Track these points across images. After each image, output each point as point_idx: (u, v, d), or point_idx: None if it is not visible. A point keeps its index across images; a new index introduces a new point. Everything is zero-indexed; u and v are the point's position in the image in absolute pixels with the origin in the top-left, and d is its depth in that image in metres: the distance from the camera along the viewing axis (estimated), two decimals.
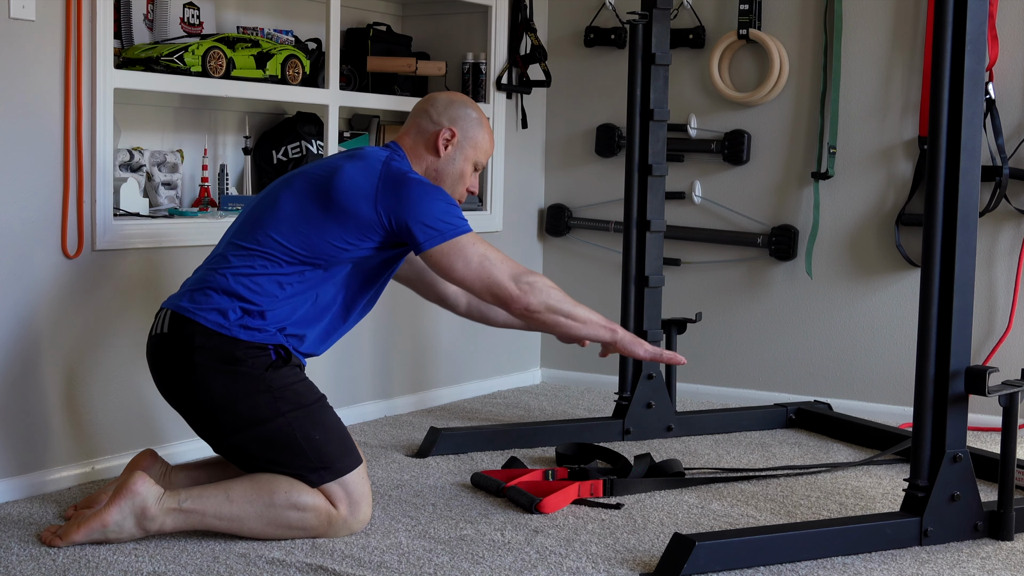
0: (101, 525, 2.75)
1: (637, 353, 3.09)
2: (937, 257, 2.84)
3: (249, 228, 2.90)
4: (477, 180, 3.19)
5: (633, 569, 2.70)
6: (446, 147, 3.07)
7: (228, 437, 2.84)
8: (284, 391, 2.82)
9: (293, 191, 2.92)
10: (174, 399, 2.89)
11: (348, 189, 2.87)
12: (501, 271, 2.92)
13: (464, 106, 3.11)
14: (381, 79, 4.38)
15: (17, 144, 3.10)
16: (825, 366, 4.47)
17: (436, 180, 3.07)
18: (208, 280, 2.86)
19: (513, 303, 2.93)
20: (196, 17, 3.88)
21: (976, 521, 2.92)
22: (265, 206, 2.92)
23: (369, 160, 2.94)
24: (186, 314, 2.83)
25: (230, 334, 2.80)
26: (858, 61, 4.36)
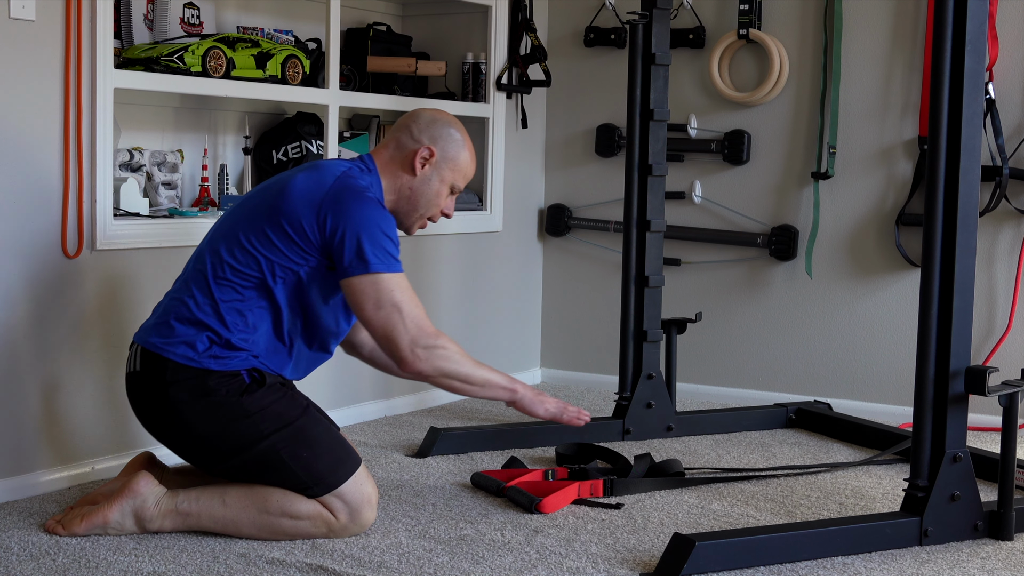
0: (102, 521, 2.79)
1: (536, 413, 3.04)
2: (937, 257, 2.84)
3: (209, 253, 2.86)
4: (453, 204, 3.07)
5: (633, 569, 2.70)
6: (423, 166, 2.97)
7: (217, 466, 2.83)
8: (264, 413, 2.78)
9: (249, 211, 2.86)
10: (158, 434, 2.88)
11: (296, 197, 2.81)
12: (403, 331, 2.79)
13: (447, 125, 3.02)
14: (381, 79, 4.38)
15: (17, 144, 3.10)
16: (825, 366, 4.47)
17: (409, 200, 2.98)
18: (173, 311, 2.83)
19: (404, 365, 2.82)
20: (196, 17, 3.88)
21: (976, 521, 2.92)
22: (224, 229, 2.88)
23: (323, 172, 2.87)
24: (155, 350, 2.80)
25: (200, 366, 2.77)
26: (858, 61, 4.36)
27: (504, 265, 4.79)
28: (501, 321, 4.79)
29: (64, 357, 3.24)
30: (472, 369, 2.91)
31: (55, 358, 3.22)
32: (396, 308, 2.79)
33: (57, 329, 3.22)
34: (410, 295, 2.82)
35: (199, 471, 3.03)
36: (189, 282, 2.86)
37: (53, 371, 3.22)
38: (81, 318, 3.27)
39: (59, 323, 3.23)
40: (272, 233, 2.80)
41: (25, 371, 3.16)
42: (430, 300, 4.44)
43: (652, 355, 3.97)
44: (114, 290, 3.35)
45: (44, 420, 3.21)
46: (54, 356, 3.22)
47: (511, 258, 4.83)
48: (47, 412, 3.22)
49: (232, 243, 2.83)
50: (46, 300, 3.19)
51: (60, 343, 3.23)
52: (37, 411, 3.19)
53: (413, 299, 2.83)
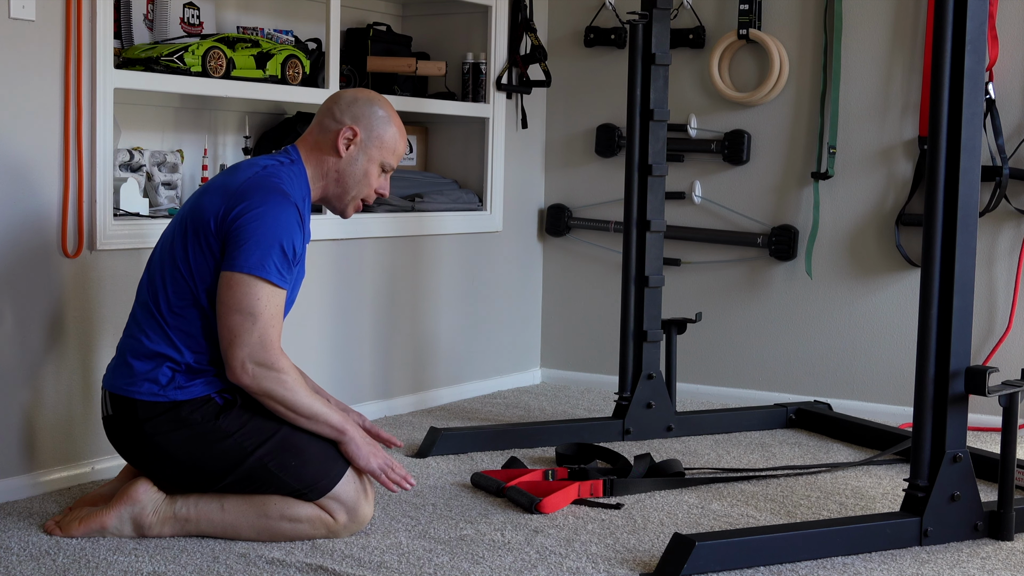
0: (100, 527, 2.80)
1: (357, 463, 2.80)
2: (937, 257, 2.84)
3: (148, 279, 2.84)
4: (387, 183, 2.98)
5: (633, 569, 2.69)
6: (347, 147, 2.88)
7: (210, 487, 2.82)
8: (243, 430, 2.76)
9: (177, 227, 2.83)
10: (145, 470, 2.86)
11: (208, 199, 2.77)
12: (246, 341, 2.67)
13: (370, 103, 2.92)
14: (381, 79, 4.38)
15: (17, 144, 3.10)
16: (825, 366, 4.47)
17: (338, 182, 2.91)
18: (128, 348, 2.82)
19: (230, 374, 2.70)
20: (196, 17, 3.88)
21: (976, 521, 2.92)
22: (162, 251, 2.84)
23: (238, 171, 2.82)
24: (122, 393, 2.79)
25: (168, 400, 2.76)
26: (858, 61, 4.36)
27: (504, 265, 4.79)
28: (501, 321, 4.79)
29: (64, 357, 3.24)
30: (303, 399, 2.75)
31: (55, 358, 3.22)
32: (251, 317, 2.68)
33: (57, 329, 3.22)
34: (273, 312, 2.71)
35: None
36: (137, 316, 2.85)
37: (53, 371, 3.22)
38: (81, 318, 3.27)
39: (59, 323, 3.22)
40: (192, 242, 2.76)
41: (24, 371, 3.16)
42: (430, 300, 4.44)
43: (652, 355, 3.97)
44: (114, 290, 3.35)
45: (44, 420, 3.21)
46: (54, 356, 3.22)
47: (511, 258, 4.83)
48: (47, 412, 3.21)
49: (165, 266, 2.81)
50: (46, 300, 3.19)
51: (60, 343, 3.23)
52: (37, 411, 3.19)
53: (275, 317, 2.71)
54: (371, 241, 4.16)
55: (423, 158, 4.76)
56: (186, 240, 2.78)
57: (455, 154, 4.73)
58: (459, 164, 4.73)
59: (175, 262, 2.79)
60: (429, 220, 4.39)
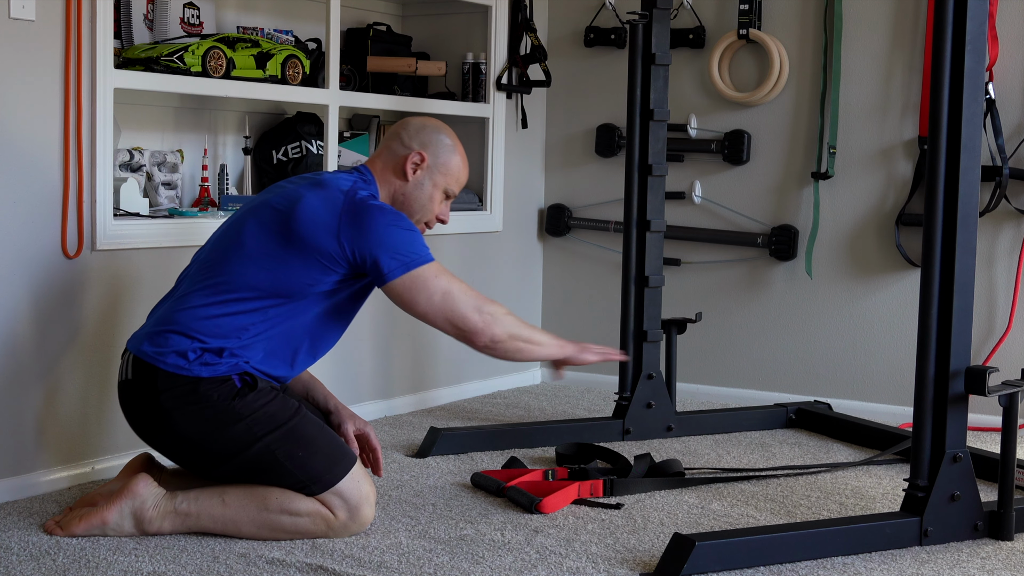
0: (101, 522, 2.80)
1: (588, 360, 3.04)
2: (937, 257, 2.84)
3: (213, 263, 2.86)
4: (448, 209, 3.09)
5: (633, 569, 2.70)
6: (415, 171, 2.99)
7: (214, 471, 2.83)
8: (256, 415, 2.78)
9: (256, 223, 2.86)
10: (152, 442, 2.88)
11: (310, 221, 2.81)
12: (465, 304, 2.86)
13: (437, 131, 3.04)
14: (381, 79, 4.38)
15: (17, 144, 3.10)
16: (825, 366, 4.47)
17: (403, 205, 3.00)
18: (169, 320, 2.82)
19: (478, 336, 2.87)
20: (196, 17, 3.88)
21: (976, 521, 2.92)
22: (229, 239, 2.87)
23: (331, 190, 2.87)
24: (147, 359, 2.80)
25: (191, 374, 2.77)
26: (858, 61, 4.36)
27: (504, 265, 4.79)
28: None
29: (64, 357, 3.24)
30: (533, 329, 2.97)
31: (55, 358, 3.22)
32: (447, 292, 2.84)
33: (57, 329, 3.22)
34: (452, 279, 2.87)
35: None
36: (187, 291, 2.86)
37: (53, 371, 3.22)
38: (81, 318, 3.27)
39: (59, 323, 3.23)
40: (287, 253, 2.80)
41: (25, 371, 3.16)
42: None
43: (652, 355, 3.97)
44: (114, 290, 3.35)
45: (44, 420, 3.21)
46: (54, 356, 3.22)
47: (511, 258, 4.83)
48: (47, 412, 3.22)
49: (241, 256, 2.82)
50: (46, 300, 3.19)
51: (60, 343, 3.23)
52: (37, 411, 3.19)
53: (457, 279, 2.89)
54: None
55: None
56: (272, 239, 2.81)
57: None
58: None
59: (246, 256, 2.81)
60: None
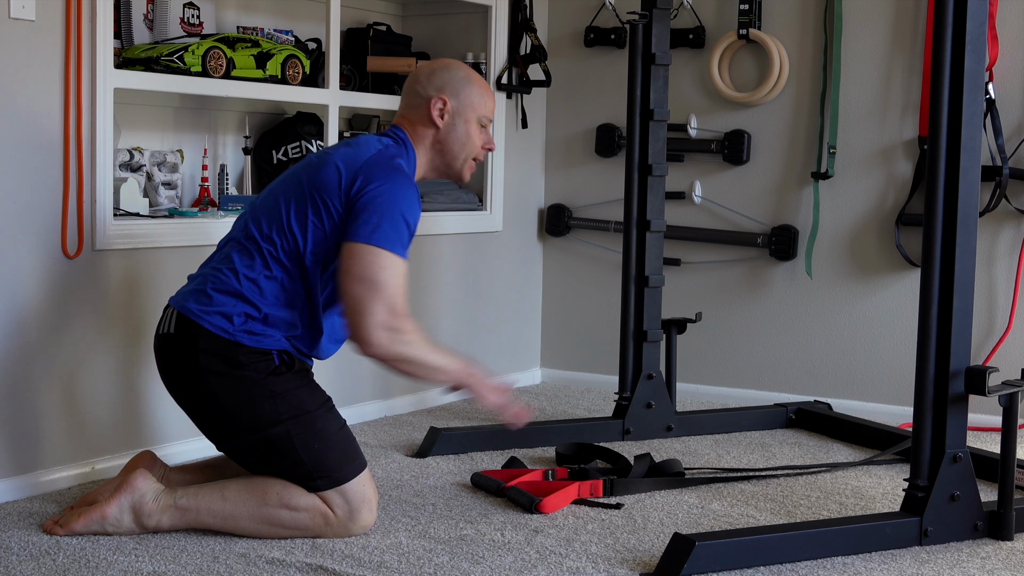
0: (100, 517, 2.80)
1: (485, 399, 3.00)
2: (937, 257, 2.84)
3: (253, 227, 2.87)
4: (490, 136, 3.07)
5: (633, 569, 2.70)
6: (442, 116, 2.99)
7: (231, 440, 2.84)
8: (286, 396, 2.80)
9: (290, 186, 2.89)
10: (180, 399, 2.89)
11: (333, 168, 2.83)
12: (375, 310, 2.76)
13: (447, 69, 3.03)
14: (381, 79, 4.38)
15: (17, 144, 3.10)
16: (825, 366, 4.47)
17: (444, 151, 3.01)
18: (212, 280, 2.84)
19: (361, 345, 2.79)
20: (196, 17, 3.88)
21: (976, 521, 2.92)
22: (268, 204, 2.89)
23: (362, 146, 2.90)
24: (191, 316, 2.81)
25: (234, 339, 2.78)
26: (858, 61, 4.36)
27: (504, 265, 4.79)
28: (501, 321, 4.79)
29: (63, 357, 3.24)
30: (431, 355, 2.87)
31: (55, 358, 3.22)
32: (376, 287, 2.75)
33: (57, 329, 3.22)
34: (398, 281, 2.79)
35: (198, 471, 3.04)
36: (230, 253, 2.87)
37: (52, 371, 3.22)
38: (81, 318, 3.27)
39: (59, 323, 3.22)
40: (310, 206, 2.82)
41: (24, 371, 3.16)
42: (430, 300, 4.44)
43: (652, 355, 3.97)
44: (114, 290, 3.35)
45: (44, 420, 3.21)
46: (53, 356, 3.22)
47: (511, 258, 4.83)
48: (47, 412, 3.21)
49: (273, 218, 2.85)
50: (46, 300, 3.19)
51: (59, 343, 3.23)
52: (37, 411, 3.19)
53: (399, 286, 2.80)
54: None
55: None
56: (304, 202, 2.83)
57: None
58: None
59: (289, 223, 2.83)
60: (429, 220, 4.39)
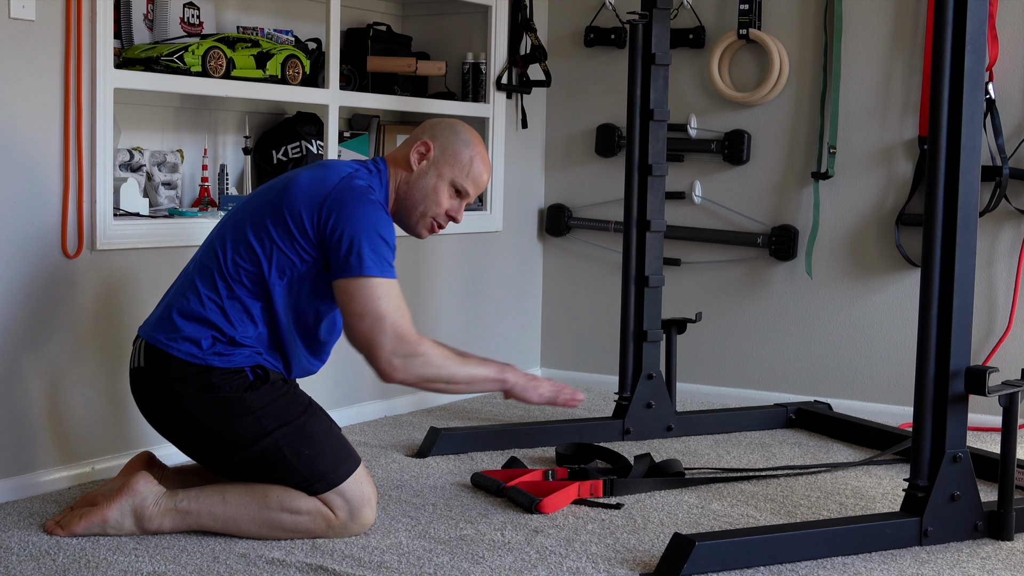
0: (101, 520, 2.79)
1: (530, 399, 2.96)
2: (937, 257, 2.84)
3: (218, 249, 2.85)
4: (460, 207, 2.99)
5: (633, 569, 2.70)
6: (420, 161, 2.94)
7: (221, 461, 2.83)
8: (266, 410, 2.78)
9: (255, 207, 2.86)
10: (162, 429, 2.88)
11: (300, 194, 2.80)
12: (383, 342, 2.75)
13: (453, 126, 3.00)
14: (381, 79, 4.38)
15: (17, 144, 3.10)
16: (825, 366, 4.47)
17: (408, 196, 2.95)
18: (178, 306, 2.82)
19: (382, 376, 2.80)
20: (196, 17, 3.88)
21: (976, 521, 2.92)
22: (233, 227, 2.87)
23: (329, 171, 2.86)
24: (160, 346, 2.80)
25: (205, 363, 2.77)
26: (858, 61, 4.36)
27: (504, 265, 4.79)
28: (501, 321, 4.79)
29: (64, 357, 3.24)
30: (456, 369, 2.85)
31: (55, 358, 3.22)
32: (379, 319, 2.75)
33: (57, 329, 3.22)
34: (397, 304, 2.78)
35: (199, 471, 3.04)
36: (194, 277, 2.85)
37: (53, 371, 3.22)
38: (81, 318, 3.27)
39: (59, 323, 3.23)
40: (274, 229, 2.80)
41: (24, 371, 3.16)
42: (430, 300, 4.44)
43: (652, 355, 3.97)
44: (114, 290, 3.35)
45: (44, 420, 3.21)
46: (54, 356, 3.22)
47: (511, 258, 4.83)
48: (47, 412, 3.22)
49: (238, 239, 2.83)
50: (46, 300, 3.19)
51: (60, 343, 3.23)
52: (37, 411, 3.19)
53: (399, 308, 2.79)
54: None
55: None
56: (269, 228, 2.80)
57: None
58: None
59: (250, 244, 2.81)
60: None
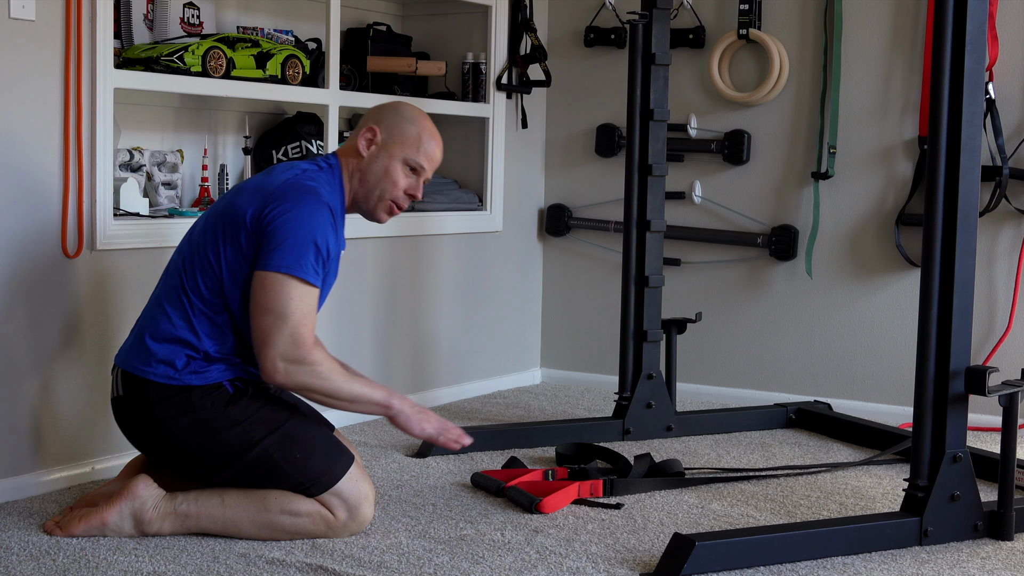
0: (100, 523, 2.80)
1: (412, 432, 2.85)
2: (937, 257, 2.84)
3: (180, 267, 2.85)
4: (419, 185, 2.94)
5: (633, 569, 2.70)
6: (369, 146, 2.92)
7: (215, 475, 2.83)
8: (251, 420, 2.78)
9: (208, 221, 2.85)
10: (151, 453, 2.88)
11: (245, 202, 2.79)
12: (277, 341, 2.69)
13: (397, 108, 2.96)
14: (381, 79, 4.38)
15: (17, 144, 3.10)
16: (825, 366, 4.47)
17: (362, 182, 2.91)
18: (149, 329, 2.82)
19: (264, 375, 2.73)
20: (196, 17, 3.88)
21: (976, 521, 2.92)
22: (192, 242, 2.87)
23: (275, 173, 2.85)
24: (137, 373, 2.80)
25: (182, 383, 2.77)
26: (858, 61, 4.36)
27: (504, 265, 4.79)
28: (501, 321, 4.79)
29: (64, 357, 3.24)
30: (341, 384, 2.77)
31: (55, 358, 3.22)
32: (282, 317, 2.69)
33: (57, 329, 3.22)
34: (305, 310, 2.72)
35: None
36: (161, 298, 2.85)
37: (53, 371, 3.22)
38: (81, 318, 3.27)
39: (59, 323, 3.23)
40: (224, 238, 2.78)
41: (24, 371, 3.16)
42: (430, 300, 4.44)
43: (652, 355, 3.97)
44: (114, 290, 3.35)
45: (44, 420, 3.21)
46: (54, 356, 3.22)
47: (511, 258, 4.83)
48: (47, 412, 3.22)
49: (196, 254, 2.82)
50: (46, 300, 3.19)
51: (60, 343, 3.23)
52: (37, 411, 3.19)
53: (306, 315, 2.72)
54: (371, 241, 4.16)
55: None
56: (218, 235, 2.80)
57: (455, 154, 4.73)
58: (459, 164, 4.73)
59: (206, 255, 2.80)
60: (429, 220, 4.39)
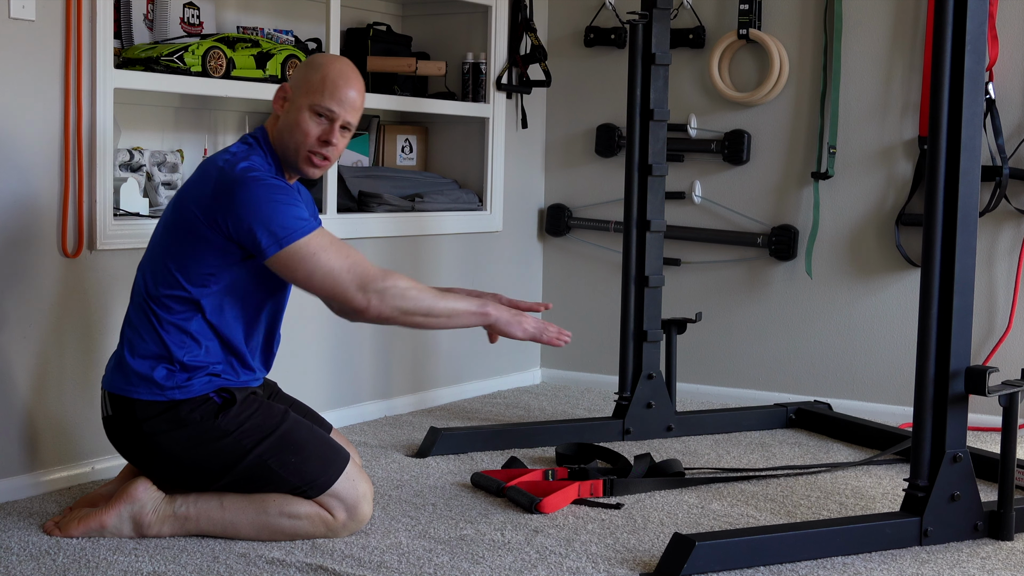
0: (99, 525, 2.80)
1: (514, 334, 2.88)
2: (937, 257, 2.84)
3: (141, 281, 2.85)
4: (333, 131, 2.82)
5: (633, 569, 2.70)
6: (282, 105, 2.85)
7: (211, 485, 2.82)
8: (243, 429, 2.77)
9: (161, 233, 2.84)
10: (145, 469, 2.87)
11: (188, 204, 2.76)
12: (346, 281, 2.70)
13: (308, 60, 2.91)
14: (381, 79, 4.38)
15: (17, 144, 3.10)
16: (825, 366, 4.47)
17: (281, 140, 2.84)
18: (127, 348, 2.82)
19: (363, 314, 2.73)
20: (196, 17, 3.88)
21: (976, 521, 2.92)
22: (148, 254, 2.86)
23: (205, 169, 2.80)
24: (121, 392, 2.80)
25: (167, 399, 2.76)
26: (858, 61, 4.36)
27: (504, 265, 4.79)
28: None
29: (64, 357, 3.24)
30: (434, 302, 2.77)
31: (55, 358, 3.22)
32: (330, 275, 2.70)
33: (57, 329, 3.22)
34: (337, 248, 2.72)
35: None
36: (131, 317, 2.86)
37: (52, 370, 3.22)
38: (81, 318, 3.27)
39: (59, 323, 3.22)
40: (178, 244, 2.77)
41: (24, 370, 3.16)
42: None
43: (652, 355, 3.97)
44: (114, 290, 3.35)
45: (43, 420, 3.21)
46: (53, 355, 3.22)
47: (511, 258, 4.83)
48: (47, 412, 3.21)
49: (155, 265, 2.81)
50: (46, 300, 3.19)
51: (60, 343, 3.23)
52: (37, 411, 3.19)
53: (342, 250, 2.73)
54: (371, 241, 4.16)
55: (423, 158, 4.76)
56: (172, 241, 2.79)
57: (455, 154, 4.73)
58: (459, 164, 4.73)
59: (165, 264, 2.79)
60: (429, 220, 4.39)
